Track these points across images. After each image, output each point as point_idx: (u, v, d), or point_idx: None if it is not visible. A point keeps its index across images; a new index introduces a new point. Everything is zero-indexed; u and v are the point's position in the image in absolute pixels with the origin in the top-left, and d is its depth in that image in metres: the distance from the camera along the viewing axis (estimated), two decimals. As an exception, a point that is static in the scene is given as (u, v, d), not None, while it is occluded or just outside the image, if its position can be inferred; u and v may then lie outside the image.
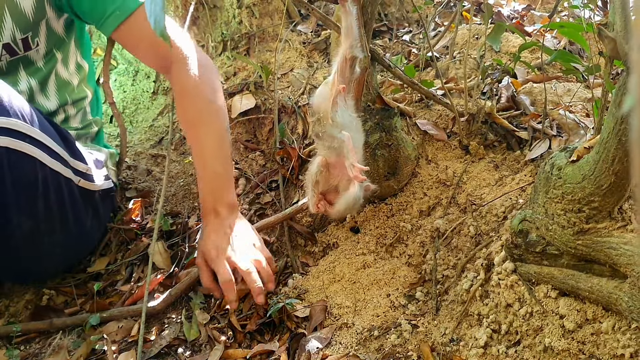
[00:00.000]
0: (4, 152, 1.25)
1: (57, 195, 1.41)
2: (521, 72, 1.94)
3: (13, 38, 1.44)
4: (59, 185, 1.41)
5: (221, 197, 1.45)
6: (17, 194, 1.31)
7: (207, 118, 1.45)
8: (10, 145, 1.26)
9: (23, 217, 1.36)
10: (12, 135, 1.26)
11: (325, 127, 1.25)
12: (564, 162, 1.08)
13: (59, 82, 1.61)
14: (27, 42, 1.46)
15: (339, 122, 1.26)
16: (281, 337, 1.37)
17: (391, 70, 1.66)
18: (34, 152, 1.31)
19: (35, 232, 1.40)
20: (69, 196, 1.45)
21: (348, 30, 1.24)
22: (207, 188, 1.47)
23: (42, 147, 1.34)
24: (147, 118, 2.26)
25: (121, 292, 1.57)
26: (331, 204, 1.38)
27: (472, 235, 1.43)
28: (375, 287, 1.46)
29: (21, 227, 1.36)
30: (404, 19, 2.54)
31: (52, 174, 1.38)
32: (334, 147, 1.28)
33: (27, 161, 1.31)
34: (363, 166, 1.25)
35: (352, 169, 1.23)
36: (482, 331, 1.22)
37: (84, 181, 1.50)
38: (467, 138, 1.65)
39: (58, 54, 1.57)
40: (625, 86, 0.89)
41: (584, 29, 1.38)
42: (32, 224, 1.39)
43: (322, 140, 1.30)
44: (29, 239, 1.40)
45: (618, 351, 1.04)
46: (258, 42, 2.21)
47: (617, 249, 1.02)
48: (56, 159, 1.39)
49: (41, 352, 1.39)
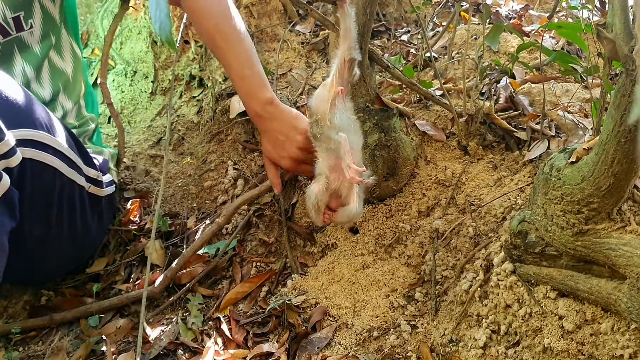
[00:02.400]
0: (28, 163, 1.25)
1: (69, 202, 1.42)
2: (519, 73, 1.94)
3: (3, 17, 1.43)
4: (72, 192, 1.42)
5: (257, 97, 1.48)
6: (33, 201, 1.31)
7: (226, 29, 1.46)
8: (34, 156, 1.27)
9: (36, 223, 1.36)
10: (37, 146, 1.27)
11: (323, 129, 1.25)
12: (563, 163, 1.09)
13: (53, 69, 1.60)
14: (19, 21, 1.45)
15: (337, 124, 1.26)
16: (280, 338, 1.37)
17: (390, 70, 1.66)
18: (54, 163, 1.32)
19: (45, 237, 1.41)
20: (79, 203, 1.46)
21: (346, 32, 1.24)
22: (243, 92, 1.51)
23: (62, 157, 1.35)
24: (145, 118, 2.25)
25: (120, 291, 1.57)
26: (334, 209, 1.38)
27: (471, 235, 1.44)
28: (374, 288, 1.46)
29: (32, 233, 1.37)
30: (403, 19, 2.54)
31: (68, 182, 1.39)
32: (332, 148, 1.28)
33: (48, 171, 1.32)
34: (360, 168, 1.25)
35: (348, 171, 1.23)
36: (482, 332, 1.23)
37: (93, 187, 1.51)
38: (465, 138, 1.65)
39: (52, 38, 1.56)
40: (625, 88, 0.89)
41: (582, 29, 1.38)
42: (44, 230, 1.39)
43: (320, 142, 1.30)
44: (39, 244, 1.41)
45: (617, 352, 1.04)
46: (256, 42, 2.20)
47: (616, 250, 1.02)
48: (73, 168, 1.40)
49: (40, 353, 1.39)
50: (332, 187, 1.34)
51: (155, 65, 2.30)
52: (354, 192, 1.31)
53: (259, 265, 1.62)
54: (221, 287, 1.57)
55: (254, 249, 1.68)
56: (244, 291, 1.53)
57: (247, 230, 1.73)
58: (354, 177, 1.22)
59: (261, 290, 1.54)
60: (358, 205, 1.31)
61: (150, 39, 2.29)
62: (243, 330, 1.40)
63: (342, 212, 1.35)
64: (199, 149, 2.04)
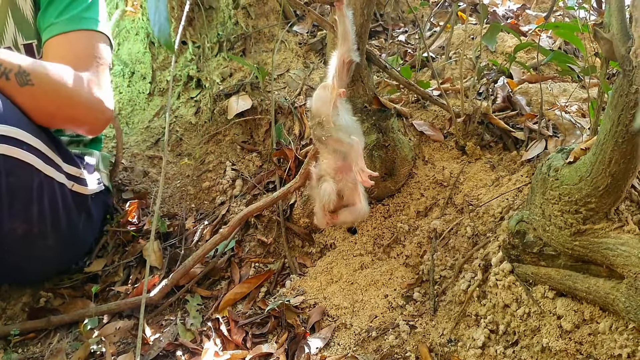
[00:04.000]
0: (1, 160, 1.25)
1: (50, 200, 1.41)
2: (517, 73, 1.94)
3: (15, 42, 1.43)
4: (52, 190, 1.41)
5: None
6: (11, 199, 1.31)
7: None
8: (7, 152, 1.26)
9: (17, 221, 1.36)
10: (10, 142, 1.27)
11: (330, 132, 1.24)
12: (561, 163, 1.09)
13: None
14: (30, 48, 1.46)
15: (343, 126, 1.25)
16: (279, 338, 1.37)
17: (387, 71, 1.66)
18: (29, 159, 1.32)
19: (28, 236, 1.40)
20: (62, 201, 1.45)
21: (345, 33, 1.24)
22: None
23: (37, 154, 1.34)
24: (143, 119, 2.25)
25: (118, 293, 1.57)
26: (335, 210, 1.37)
27: (469, 235, 1.44)
28: (372, 288, 1.46)
29: (14, 232, 1.36)
30: (400, 19, 2.54)
31: (46, 179, 1.38)
32: (342, 151, 1.27)
33: (23, 168, 1.31)
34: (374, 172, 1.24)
35: (360, 174, 1.23)
36: (480, 332, 1.23)
37: (77, 185, 1.50)
38: (463, 138, 1.65)
39: None
40: (622, 88, 0.90)
41: (579, 29, 1.39)
42: (26, 228, 1.39)
43: (326, 145, 1.28)
44: (22, 243, 1.41)
45: (615, 351, 1.04)
46: (254, 42, 2.20)
47: (613, 249, 1.03)
48: (50, 165, 1.39)
49: (39, 354, 1.39)
50: (337, 188, 1.34)
51: (153, 67, 2.30)
52: (359, 191, 1.31)
53: (258, 266, 1.62)
54: (220, 288, 1.57)
55: (252, 249, 1.68)
56: (243, 292, 1.53)
57: (245, 230, 1.73)
58: (367, 180, 1.22)
59: (260, 290, 1.54)
60: (365, 204, 1.31)
61: (147, 40, 2.29)
62: (242, 331, 1.41)
63: (348, 211, 1.34)
64: (197, 150, 2.04)
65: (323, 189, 1.30)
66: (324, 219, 1.33)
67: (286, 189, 1.59)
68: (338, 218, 1.35)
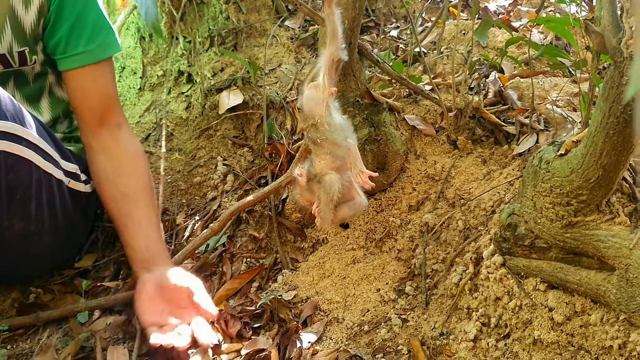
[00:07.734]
0: (2, 156, 1.24)
1: (48, 197, 1.40)
2: (508, 67, 1.95)
3: (10, 50, 1.42)
4: (50, 187, 1.40)
5: None
6: (10, 195, 1.30)
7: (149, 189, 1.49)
8: (7, 149, 1.25)
9: (15, 218, 1.35)
10: (10, 138, 1.25)
11: (325, 134, 1.23)
12: (552, 155, 1.09)
13: (53, 99, 1.59)
14: (23, 55, 1.44)
15: (338, 127, 1.24)
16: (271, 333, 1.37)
17: (379, 65, 1.66)
18: (29, 155, 1.30)
19: (26, 232, 1.39)
20: (59, 197, 1.44)
21: (334, 32, 1.23)
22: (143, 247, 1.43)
23: (37, 150, 1.33)
24: (133, 114, 2.23)
25: (108, 288, 1.56)
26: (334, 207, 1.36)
27: (461, 229, 1.44)
28: (365, 282, 1.46)
29: (12, 228, 1.35)
30: (392, 14, 2.54)
31: (45, 176, 1.37)
32: (338, 154, 1.26)
33: (23, 164, 1.30)
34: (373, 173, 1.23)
35: (360, 176, 1.22)
36: (472, 325, 1.23)
37: (73, 182, 1.49)
38: (455, 133, 1.65)
39: (51, 76, 1.55)
40: (613, 80, 0.90)
41: (570, 23, 1.39)
42: (23, 225, 1.37)
43: (321, 147, 1.26)
44: (20, 240, 1.39)
45: (607, 343, 1.05)
46: (245, 37, 2.19)
47: (605, 241, 1.03)
48: (49, 161, 1.38)
49: (29, 350, 1.37)
50: None
51: (143, 61, 2.29)
52: (355, 187, 1.30)
53: (249, 261, 1.62)
54: (211, 283, 1.56)
55: (244, 244, 1.67)
56: (235, 287, 1.53)
57: (237, 226, 1.72)
58: (367, 182, 1.21)
59: (252, 286, 1.53)
60: (364, 197, 1.30)
61: (138, 35, 2.28)
62: (235, 325, 1.40)
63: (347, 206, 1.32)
64: (188, 145, 2.03)
65: (328, 181, 1.28)
66: (329, 216, 1.30)
67: (277, 183, 1.58)
68: (336, 214, 1.34)
